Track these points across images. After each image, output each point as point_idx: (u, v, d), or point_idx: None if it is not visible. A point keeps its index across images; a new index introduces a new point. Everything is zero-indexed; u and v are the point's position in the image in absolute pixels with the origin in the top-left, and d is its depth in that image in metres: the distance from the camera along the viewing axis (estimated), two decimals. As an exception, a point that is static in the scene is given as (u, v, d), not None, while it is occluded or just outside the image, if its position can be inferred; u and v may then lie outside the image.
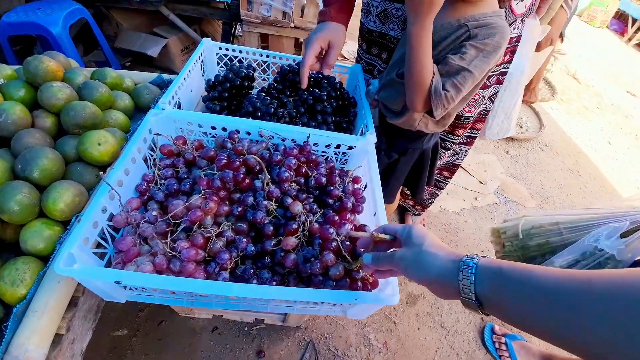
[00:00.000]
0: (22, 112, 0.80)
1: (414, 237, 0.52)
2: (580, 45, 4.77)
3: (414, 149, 1.06)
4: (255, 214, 0.70)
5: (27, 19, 1.95)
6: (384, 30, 1.08)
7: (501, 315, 0.42)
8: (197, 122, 0.84)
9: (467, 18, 0.78)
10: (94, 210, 0.62)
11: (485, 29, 0.76)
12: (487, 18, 0.77)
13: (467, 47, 0.76)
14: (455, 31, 0.79)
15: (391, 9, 1.02)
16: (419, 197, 1.22)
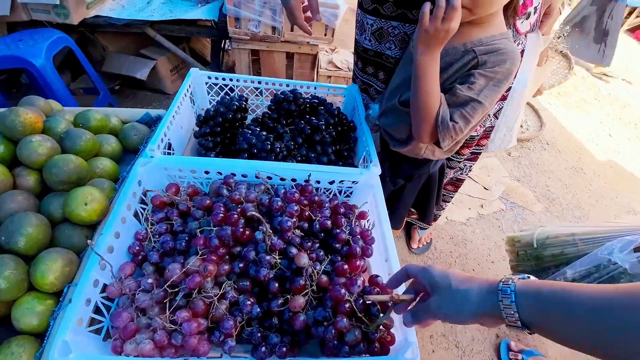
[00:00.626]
0: (2, 174, 0.74)
1: (438, 280, 0.51)
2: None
3: (420, 174, 1.02)
4: (258, 271, 0.65)
5: (8, 52, 1.89)
6: (380, 49, 1.03)
7: (549, 336, 0.43)
8: (189, 168, 0.79)
9: (474, 42, 0.73)
10: (85, 286, 0.57)
11: (494, 56, 0.71)
12: (495, 42, 0.72)
13: (476, 76, 0.71)
14: (462, 57, 0.74)
15: (387, 27, 0.97)
16: (427, 219, 1.18)
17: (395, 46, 1.00)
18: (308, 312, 0.63)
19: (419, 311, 0.53)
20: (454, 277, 0.50)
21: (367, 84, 1.16)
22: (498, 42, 0.72)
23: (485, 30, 0.73)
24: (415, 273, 0.55)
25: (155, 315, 0.59)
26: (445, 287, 0.49)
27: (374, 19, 0.98)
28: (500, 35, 0.73)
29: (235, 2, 1.77)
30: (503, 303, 0.44)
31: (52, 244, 0.71)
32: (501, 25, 0.75)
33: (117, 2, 2.17)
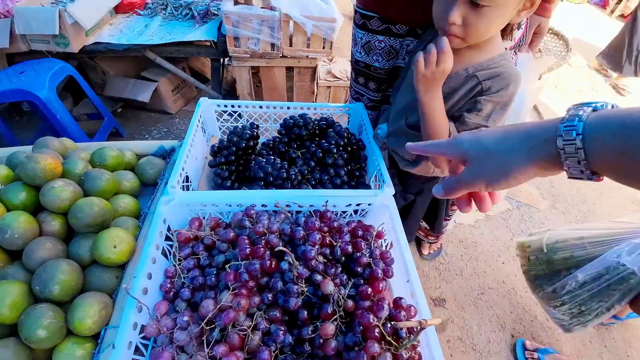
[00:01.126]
0: (28, 223, 0.77)
1: (468, 149, 0.46)
2: (564, 24, 4.76)
3: (429, 188, 1.04)
4: (287, 301, 0.68)
5: (11, 85, 1.91)
6: (369, 61, 1.09)
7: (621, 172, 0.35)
8: (210, 203, 0.81)
9: (475, 67, 0.76)
10: (126, 331, 0.59)
11: (497, 80, 0.73)
12: (496, 66, 0.75)
13: (483, 103, 0.74)
14: (465, 83, 0.77)
15: (374, 41, 1.03)
16: (437, 231, 1.21)
17: (382, 58, 1.06)
18: (338, 338, 0.66)
19: (451, 180, 0.48)
20: (487, 138, 0.44)
21: (359, 94, 1.23)
22: (499, 65, 0.75)
23: (484, 53, 0.76)
24: (443, 150, 0.50)
25: (195, 352, 0.61)
26: (480, 153, 0.44)
27: (363, 32, 1.05)
28: (500, 57, 0.76)
29: (233, 22, 1.80)
30: (564, 138, 0.36)
31: (84, 288, 0.74)
32: (500, 47, 0.78)
33: (115, 27, 2.20)
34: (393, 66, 1.08)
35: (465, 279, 1.67)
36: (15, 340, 0.66)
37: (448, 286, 1.63)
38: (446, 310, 1.55)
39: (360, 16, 1.03)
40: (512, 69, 0.75)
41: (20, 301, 0.67)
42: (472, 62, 0.76)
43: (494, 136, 0.44)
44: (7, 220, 0.74)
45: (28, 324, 0.64)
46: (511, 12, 0.67)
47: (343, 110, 1.18)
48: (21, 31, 2.04)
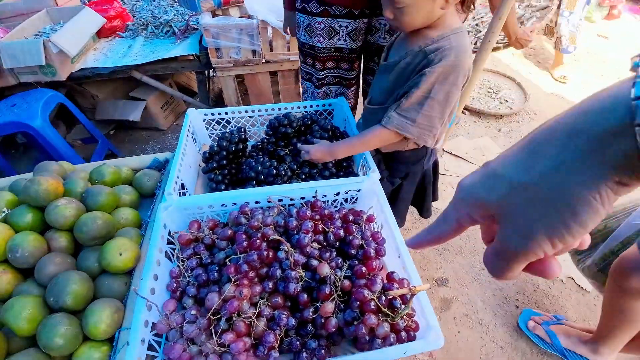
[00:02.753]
0: (36, 241, 0.81)
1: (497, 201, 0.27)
2: None
3: (415, 171, 1.09)
4: (287, 286, 0.72)
5: (5, 118, 1.95)
6: (312, 42, 1.20)
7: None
8: (207, 205, 0.86)
9: (427, 43, 0.82)
10: (138, 328, 0.63)
11: (439, 52, 0.80)
12: (443, 39, 0.80)
13: (425, 75, 0.80)
14: (416, 57, 0.83)
15: (314, 23, 1.14)
16: (426, 214, 1.25)
17: (323, 38, 1.17)
18: (338, 315, 0.70)
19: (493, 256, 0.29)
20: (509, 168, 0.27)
21: (309, 74, 1.32)
22: (446, 40, 0.80)
23: (436, 30, 0.83)
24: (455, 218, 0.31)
25: (204, 342, 0.65)
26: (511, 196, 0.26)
27: (304, 16, 1.15)
28: (451, 32, 0.81)
29: (213, 34, 1.85)
30: None
31: (95, 295, 0.78)
32: (453, 23, 0.83)
33: (99, 52, 2.25)
34: (334, 46, 1.19)
35: (465, 257, 1.71)
36: (35, 350, 0.70)
37: (449, 266, 1.67)
38: (449, 289, 1.59)
39: (300, 1, 1.14)
40: (458, 41, 0.81)
41: (36, 313, 0.71)
42: (425, 39, 0.83)
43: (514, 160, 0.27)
44: (17, 240, 0.78)
45: (45, 334, 0.68)
46: (431, 5, 0.77)
47: (326, 106, 1.22)
48: (8, 65, 2.07)
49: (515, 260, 0.27)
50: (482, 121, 2.54)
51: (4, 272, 0.80)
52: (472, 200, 0.29)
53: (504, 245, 0.27)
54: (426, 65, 0.82)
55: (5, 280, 0.79)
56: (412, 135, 0.87)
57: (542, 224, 0.25)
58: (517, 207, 0.26)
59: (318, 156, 0.96)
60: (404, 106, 0.85)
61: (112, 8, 2.38)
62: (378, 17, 1.13)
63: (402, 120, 0.86)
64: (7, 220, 0.86)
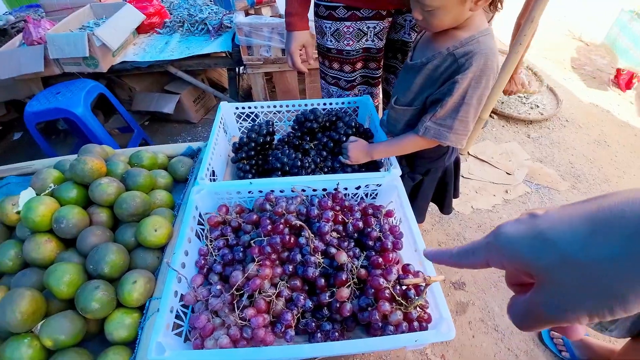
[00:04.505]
0: (80, 214, 0.89)
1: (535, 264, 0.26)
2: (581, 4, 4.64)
3: (436, 167, 1.10)
4: (306, 270, 0.76)
5: (49, 105, 2.10)
6: (340, 47, 1.22)
7: None
8: (235, 191, 0.91)
9: (455, 45, 0.83)
10: (168, 298, 0.69)
11: (469, 57, 0.81)
12: (471, 42, 0.81)
13: (458, 82, 0.81)
14: (445, 60, 0.85)
15: (342, 27, 1.16)
16: (447, 211, 1.25)
17: (352, 42, 1.19)
18: (353, 301, 0.73)
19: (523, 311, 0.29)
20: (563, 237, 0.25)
21: (336, 78, 1.34)
22: (475, 42, 0.81)
23: (465, 32, 0.83)
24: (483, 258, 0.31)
25: (227, 314, 0.70)
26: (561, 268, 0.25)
27: (330, 22, 1.17)
28: (480, 34, 0.82)
29: (245, 32, 1.92)
30: None
31: (130, 267, 0.85)
32: (480, 24, 0.84)
33: (138, 47, 2.39)
34: (362, 47, 1.21)
35: (484, 263, 1.69)
36: (72, 312, 0.77)
37: (468, 270, 1.65)
38: (466, 293, 1.57)
39: (324, 8, 1.16)
40: (486, 43, 0.81)
41: (76, 279, 0.78)
42: (453, 40, 0.84)
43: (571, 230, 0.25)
44: (63, 212, 0.86)
45: (83, 298, 0.75)
46: (459, 8, 0.77)
47: (351, 103, 1.26)
48: (54, 56, 2.23)
49: (547, 324, 0.27)
50: (511, 126, 2.48)
51: (48, 240, 0.87)
52: (513, 256, 0.28)
53: (540, 309, 0.27)
54: (456, 70, 0.83)
55: (49, 248, 0.86)
56: (449, 142, 0.89)
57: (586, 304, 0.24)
58: (564, 281, 0.24)
59: (355, 154, 1.00)
60: (440, 115, 0.87)
61: (151, 5, 2.51)
62: (404, 15, 1.15)
63: (439, 129, 0.88)
64: (54, 194, 0.95)
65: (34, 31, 2.26)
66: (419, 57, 0.92)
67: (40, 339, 0.72)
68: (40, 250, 0.85)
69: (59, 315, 0.76)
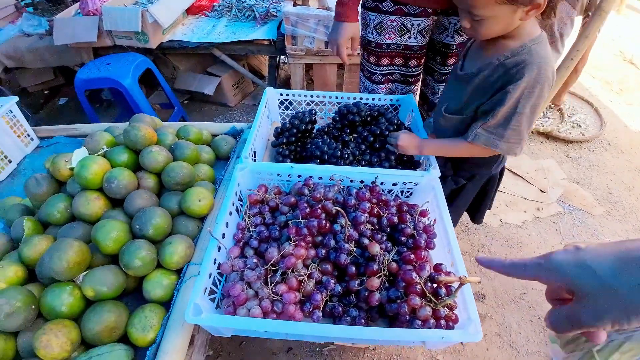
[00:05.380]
0: (130, 177, 0.94)
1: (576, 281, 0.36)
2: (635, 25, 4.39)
3: (481, 174, 1.09)
4: (338, 256, 0.78)
5: (100, 74, 2.20)
6: (380, 40, 1.22)
7: None
8: (276, 172, 0.94)
9: (505, 55, 0.82)
10: (208, 264, 0.73)
11: (521, 68, 0.79)
12: (524, 52, 0.80)
13: (509, 92, 0.80)
14: (495, 70, 0.83)
15: (386, 21, 1.17)
16: (478, 221, 1.24)
17: (394, 35, 1.19)
18: (382, 292, 0.75)
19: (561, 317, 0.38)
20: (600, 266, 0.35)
21: (371, 72, 1.34)
22: (526, 52, 0.79)
23: (515, 40, 0.81)
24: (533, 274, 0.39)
25: (261, 287, 0.73)
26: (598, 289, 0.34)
27: (375, 14, 1.17)
28: (531, 42, 0.80)
29: (292, 22, 1.95)
30: None
31: (172, 232, 0.90)
32: (532, 31, 0.81)
33: (187, 27, 2.47)
34: (404, 43, 1.21)
35: (507, 278, 1.65)
36: (115, 267, 0.82)
37: (489, 282, 1.63)
38: (485, 306, 1.56)
39: (372, 0, 1.16)
40: (538, 53, 0.79)
41: (122, 236, 0.84)
42: (503, 49, 0.82)
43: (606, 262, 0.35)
44: (114, 173, 0.92)
45: (128, 255, 0.80)
46: (510, 19, 0.75)
47: (393, 101, 1.26)
48: (108, 27, 2.33)
49: (581, 328, 0.36)
50: (550, 143, 2.40)
51: (97, 198, 0.93)
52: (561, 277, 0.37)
53: (577, 317, 0.36)
54: (507, 80, 0.81)
55: (98, 205, 0.92)
56: (501, 150, 0.89)
57: (613, 315, 0.34)
58: (599, 299, 0.34)
59: (406, 144, 0.99)
60: (491, 123, 0.86)
61: (203, -11, 2.59)
62: (449, 17, 1.13)
63: (490, 136, 0.87)
64: (106, 155, 1.01)
65: (91, 2, 2.37)
66: (469, 68, 0.91)
67: (83, 288, 0.77)
68: (89, 206, 0.91)
69: (103, 268, 0.81)
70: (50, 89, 3.11)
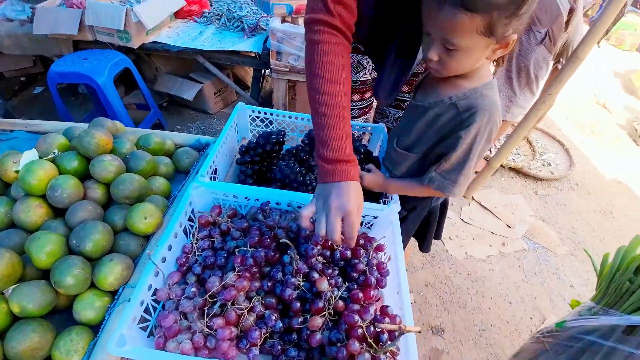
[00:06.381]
0: (76, 186, 0.89)
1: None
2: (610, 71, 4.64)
3: (422, 206, 1.10)
4: (283, 290, 0.74)
5: (74, 69, 2.13)
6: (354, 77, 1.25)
7: None
8: (232, 194, 0.91)
9: (458, 95, 0.82)
10: (141, 290, 0.68)
11: (472, 113, 0.80)
12: (476, 96, 0.80)
13: (461, 138, 0.81)
14: (448, 110, 0.84)
15: (363, 61, 1.20)
16: (425, 250, 1.26)
17: (352, 72, 1.22)
18: (324, 332, 0.71)
19: None
20: None
21: None
22: (478, 96, 0.80)
23: (470, 82, 0.82)
24: None
25: (195, 320, 0.69)
26: None
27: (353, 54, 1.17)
28: (483, 87, 0.81)
29: (278, 38, 1.95)
30: None
31: (113, 249, 0.84)
32: (486, 75, 0.83)
33: (172, 30, 2.43)
34: (360, 79, 1.26)
35: (468, 312, 1.65)
36: (45, 283, 0.76)
37: (449, 317, 1.62)
38: (444, 341, 1.54)
39: None
40: (490, 98, 0.80)
41: (57, 250, 0.78)
42: (457, 89, 0.83)
43: None
44: (60, 181, 0.86)
45: (60, 271, 0.74)
46: (481, 53, 0.74)
47: (366, 129, 1.26)
48: (90, 22, 2.27)
49: None
50: (520, 179, 2.46)
51: (39, 205, 0.87)
52: None
53: None
54: (459, 124, 0.82)
55: (39, 214, 0.86)
56: (453, 194, 0.90)
57: None
58: None
59: (371, 184, 0.99)
60: (444, 168, 0.87)
61: (194, -6, 2.57)
62: None
63: (443, 181, 0.89)
64: (55, 160, 0.95)
65: (76, -6, 2.31)
66: (421, 99, 0.92)
67: (10, 303, 0.71)
68: (29, 214, 0.85)
69: (32, 284, 0.74)
70: (27, 76, 2.99)
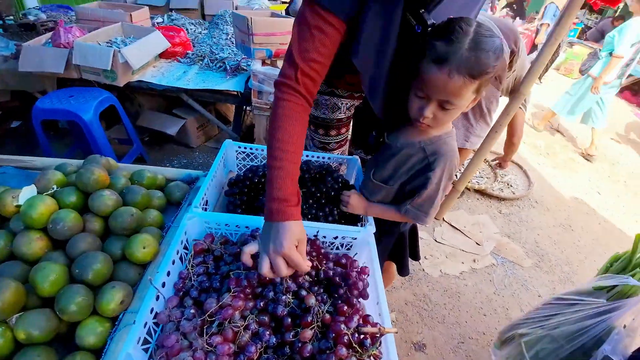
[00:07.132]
0: (76, 220, 0.95)
1: None
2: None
3: (392, 231, 1.24)
4: (275, 308, 0.83)
5: (61, 105, 2.19)
6: (316, 114, 1.43)
7: None
8: (224, 223, 0.99)
9: (426, 141, 0.99)
10: (145, 312, 0.74)
11: (438, 157, 0.97)
12: (441, 143, 0.98)
13: (430, 178, 0.98)
14: (417, 152, 1.00)
15: (321, 99, 1.37)
16: (404, 273, 1.36)
17: (328, 112, 1.41)
18: (314, 343, 0.79)
19: None
20: None
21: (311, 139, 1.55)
22: (442, 142, 0.97)
23: (437, 130, 0.99)
24: None
25: (196, 338, 0.75)
26: None
27: None
28: (446, 135, 0.99)
29: (259, 79, 2.11)
30: None
31: (113, 277, 0.90)
32: (449, 125, 1.01)
33: (158, 70, 2.56)
34: (335, 117, 1.43)
35: (447, 326, 1.75)
36: (50, 311, 0.80)
37: (430, 332, 1.71)
38: (426, 356, 1.62)
39: None
40: (450, 145, 0.98)
41: (60, 279, 0.83)
42: (426, 135, 0.99)
43: None
44: (62, 215, 0.92)
45: (64, 299, 0.79)
46: (464, 107, 0.91)
47: (342, 160, 1.39)
48: (77, 62, 2.35)
49: None
50: (485, 200, 2.67)
51: (40, 238, 0.92)
52: None
53: None
54: (427, 166, 0.99)
55: (39, 246, 0.91)
56: (425, 223, 1.06)
57: None
58: None
59: (355, 204, 1.12)
60: (417, 202, 1.03)
61: (178, 36, 2.73)
62: None
63: (417, 213, 1.04)
64: (55, 195, 1.01)
65: (64, 35, 2.40)
66: (393, 140, 1.07)
67: (15, 330, 0.75)
68: (31, 246, 0.89)
69: (37, 311, 0.79)
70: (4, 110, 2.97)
